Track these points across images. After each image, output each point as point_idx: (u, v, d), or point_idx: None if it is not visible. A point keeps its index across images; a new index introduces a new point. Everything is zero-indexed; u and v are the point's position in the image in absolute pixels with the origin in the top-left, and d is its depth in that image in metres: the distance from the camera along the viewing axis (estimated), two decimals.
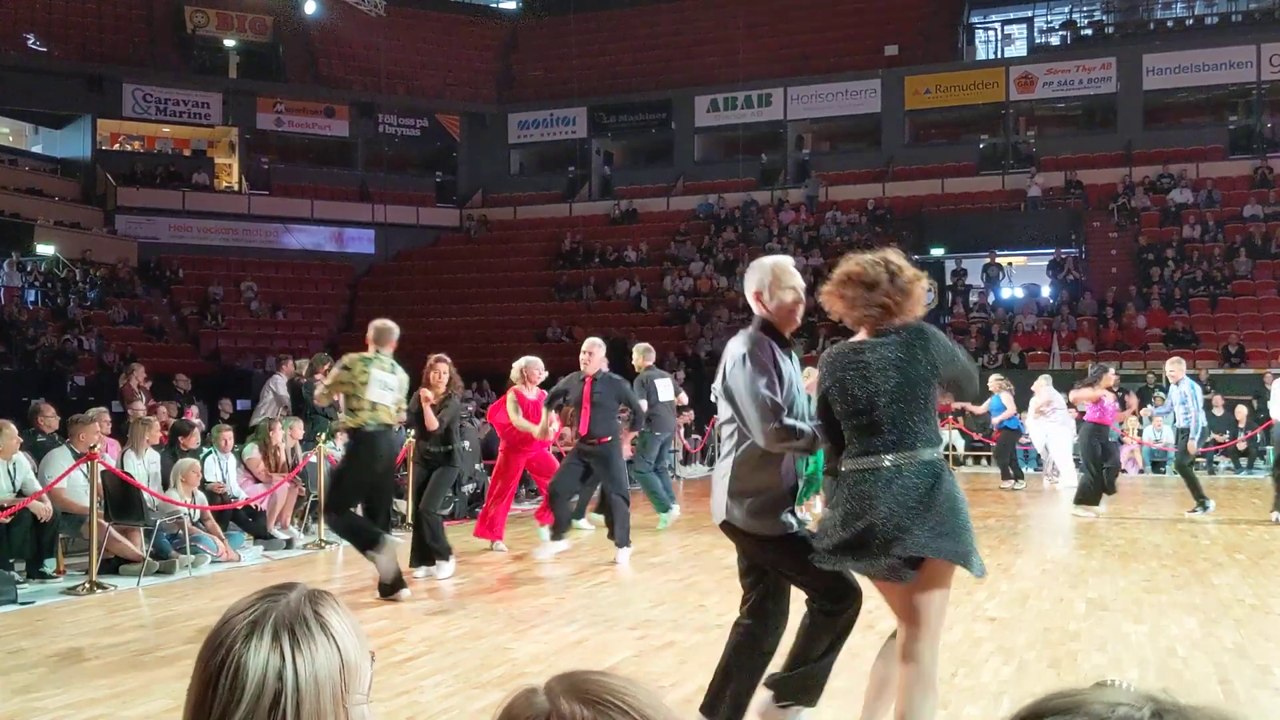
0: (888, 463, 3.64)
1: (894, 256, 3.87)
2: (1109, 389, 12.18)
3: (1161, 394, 16.84)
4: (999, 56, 31.34)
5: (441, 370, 8.34)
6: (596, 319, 25.98)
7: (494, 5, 38.18)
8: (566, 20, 34.45)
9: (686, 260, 27.69)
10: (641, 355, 11.47)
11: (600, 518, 10.43)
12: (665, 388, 11.60)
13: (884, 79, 30.10)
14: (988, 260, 25.67)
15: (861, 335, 3.84)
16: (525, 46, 35.75)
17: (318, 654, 1.26)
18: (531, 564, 8.94)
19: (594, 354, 9.19)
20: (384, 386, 7.57)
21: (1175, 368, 11.87)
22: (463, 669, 5.46)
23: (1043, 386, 15.34)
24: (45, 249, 25.42)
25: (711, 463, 18.54)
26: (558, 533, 9.27)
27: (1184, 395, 11.74)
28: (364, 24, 32.39)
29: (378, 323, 8.01)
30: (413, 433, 9.15)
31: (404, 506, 11.33)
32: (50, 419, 9.80)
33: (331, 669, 1.26)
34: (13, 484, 8.27)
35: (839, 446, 3.81)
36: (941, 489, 3.66)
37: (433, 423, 8.29)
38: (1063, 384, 15.37)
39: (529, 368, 9.64)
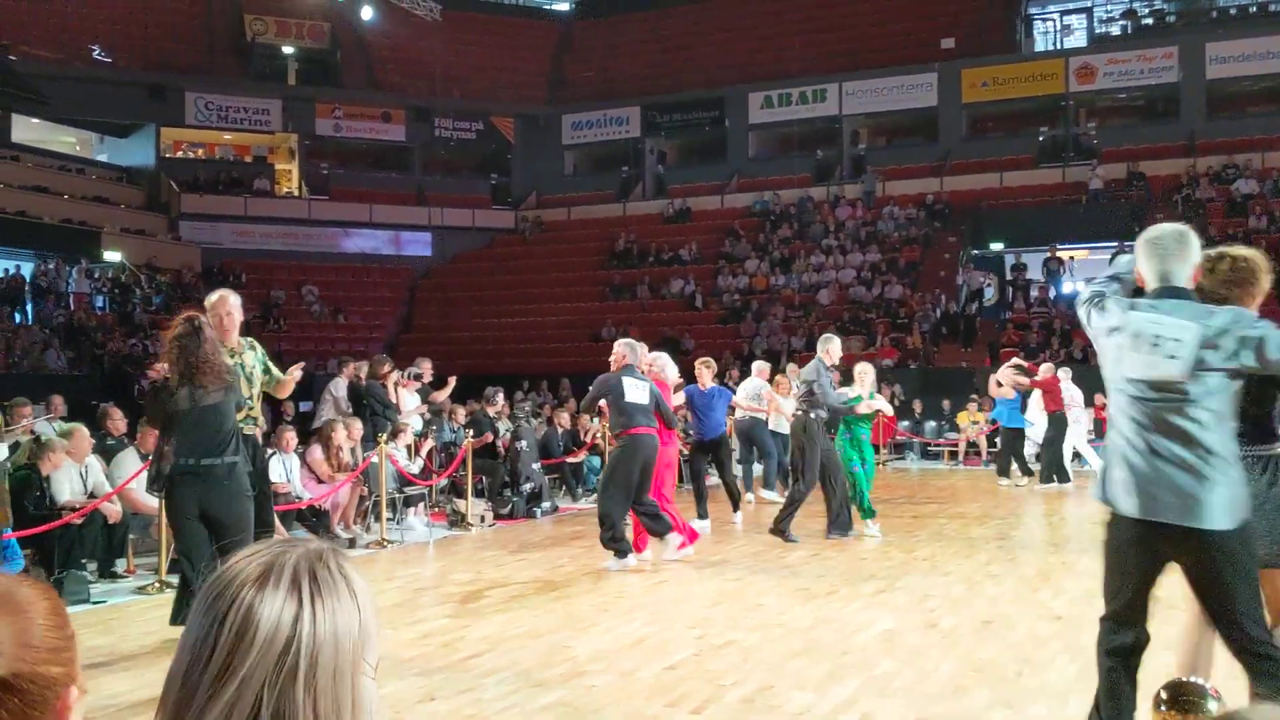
0: None
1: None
2: None
3: None
4: (1058, 47, 30.90)
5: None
6: (651, 318, 26.01)
7: (546, 7, 38.36)
8: (618, 20, 34.52)
9: (741, 258, 27.61)
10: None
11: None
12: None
13: (940, 72, 29.79)
14: (1048, 254, 25.32)
15: None
16: (577, 47, 35.87)
17: (340, 607, 1.14)
18: (587, 562, 8.96)
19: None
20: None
21: None
22: (523, 667, 5.50)
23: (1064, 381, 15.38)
24: (112, 256, 25.96)
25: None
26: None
27: None
28: (419, 28, 32.69)
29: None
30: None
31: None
32: (118, 422, 10.02)
33: (351, 628, 1.14)
34: (85, 486, 8.46)
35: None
36: None
37: None
38: None
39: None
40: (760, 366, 13.97)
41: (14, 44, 28.18)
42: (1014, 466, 15.00)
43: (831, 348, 10.04)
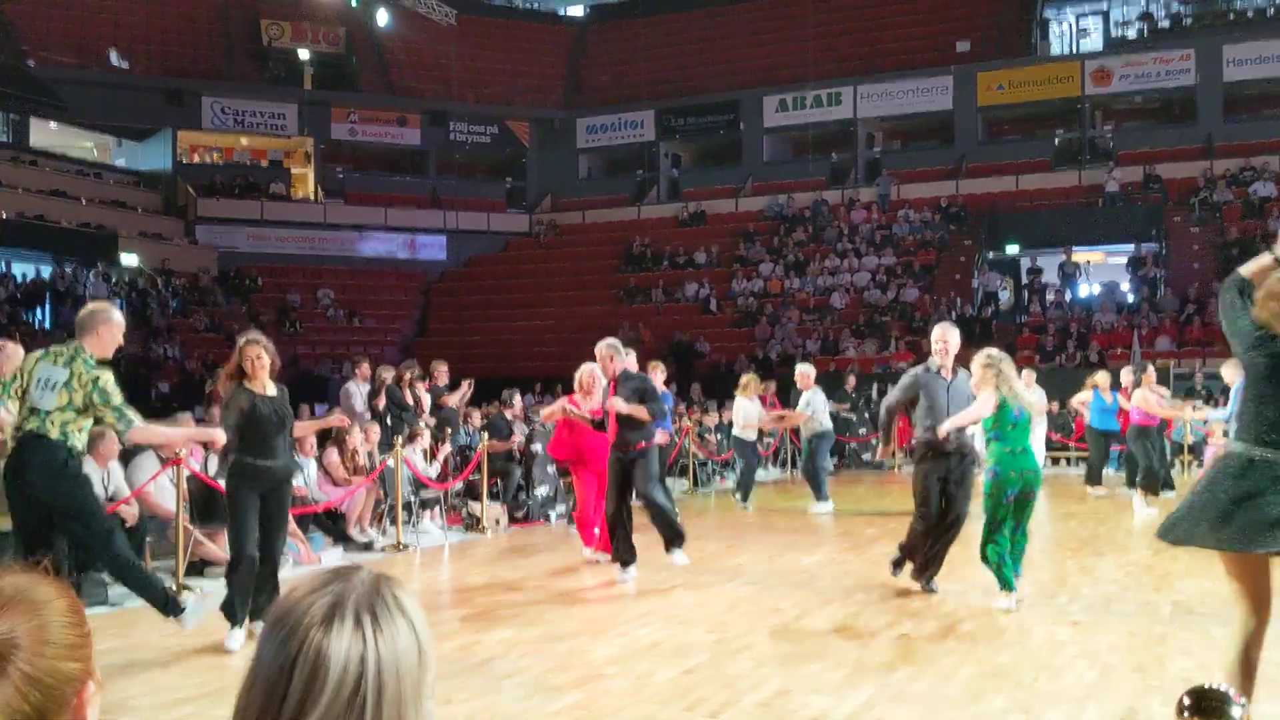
0: None
1: None
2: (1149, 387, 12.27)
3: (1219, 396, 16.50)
4: (1074, 51, 30.85)
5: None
6: (666, 322, 26.03)
7: (561, 11, 38.42)
8: (633, 24, 34.57)
9: (756, 261, 27.60)
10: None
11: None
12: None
13: (956, 75, 29.75)
14: (1064, 257, 25.25)
15: None
16: (593, 51, 35.92)
17: (399, 639, 1.19)
18: (604, 567, 8.96)
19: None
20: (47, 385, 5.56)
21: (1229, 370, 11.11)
22: (539, 670, 5.50)
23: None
24: (129, 259, 26.10)
25: (784, 465, 18.33)
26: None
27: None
28: (434, 33, 32.79)
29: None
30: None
31: (479, 508, 11.44)
32: None
33: (410, 654, 1.19)
34: (105, 490, 8.50)
35: None
36: None
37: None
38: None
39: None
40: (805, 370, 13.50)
41: (32, 49, 28.39)
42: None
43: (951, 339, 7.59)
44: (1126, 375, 13.71)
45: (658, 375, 11.19)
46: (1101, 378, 14.49)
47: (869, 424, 19.48)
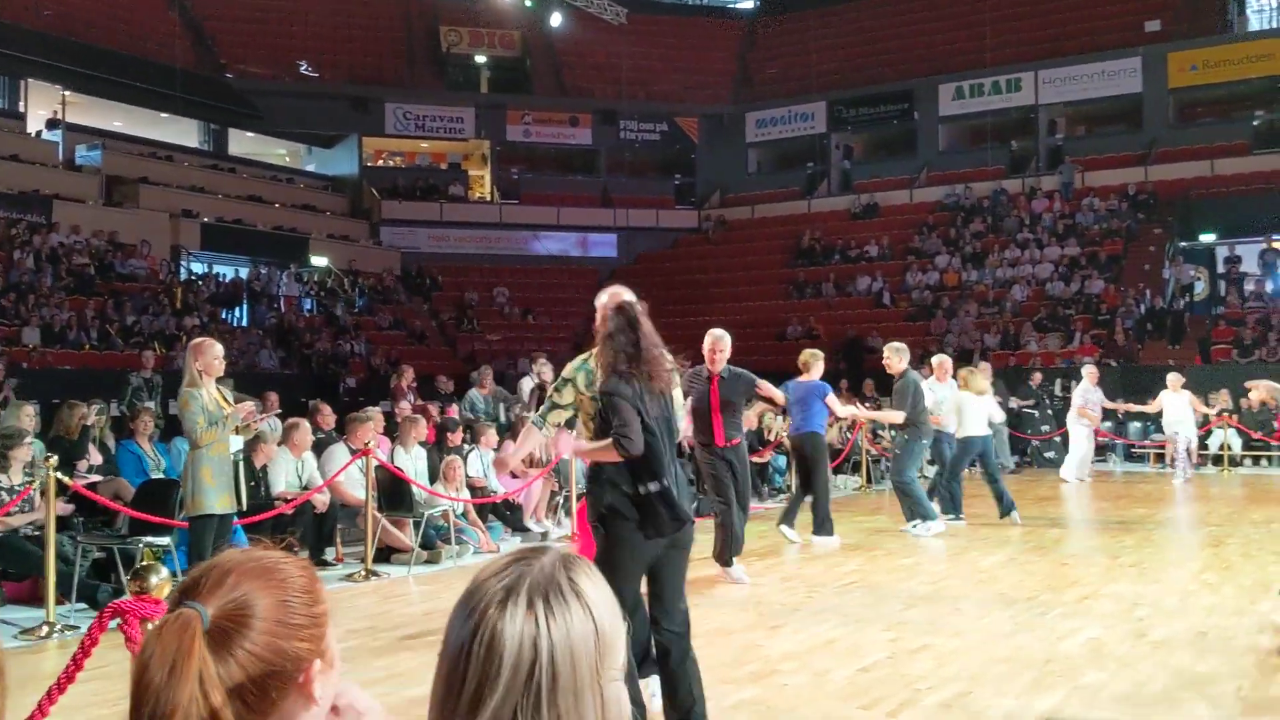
0: None
1: None
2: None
3: None
4: (1274, 27, 28.96)
5: None
6: (837, 316, 25.69)
7: (731, 5, 38.33)
8: (804, 15, 34.20)
9: (931, 253, 26.94)
10: (897, 356, 10.42)
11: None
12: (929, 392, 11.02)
13: (1145, 56, 28.35)
14: (1264, 245, 23.77)
15: None
16: (762, 45, 35.72)
17: (573, 623, 1.17)
18: (775, 562, 8.92)
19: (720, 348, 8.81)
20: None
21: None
22: (714, 663, 5.50)
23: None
24: (318, 260, 27.35)
25: None
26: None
27: None
28: (605, 33, 33.17)
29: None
30: None
31: None
32: (327, 417, 10.56)
33: (587, 639, 1.18)
34: (299, 478, 8.95)
35: None
36: None
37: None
38: None
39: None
40: (938, 361, 12.04)
41: (231, 63, 30.06)
42: None
43: None
44: None
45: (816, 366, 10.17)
46: None
47: (1051, 421, 18.85)
